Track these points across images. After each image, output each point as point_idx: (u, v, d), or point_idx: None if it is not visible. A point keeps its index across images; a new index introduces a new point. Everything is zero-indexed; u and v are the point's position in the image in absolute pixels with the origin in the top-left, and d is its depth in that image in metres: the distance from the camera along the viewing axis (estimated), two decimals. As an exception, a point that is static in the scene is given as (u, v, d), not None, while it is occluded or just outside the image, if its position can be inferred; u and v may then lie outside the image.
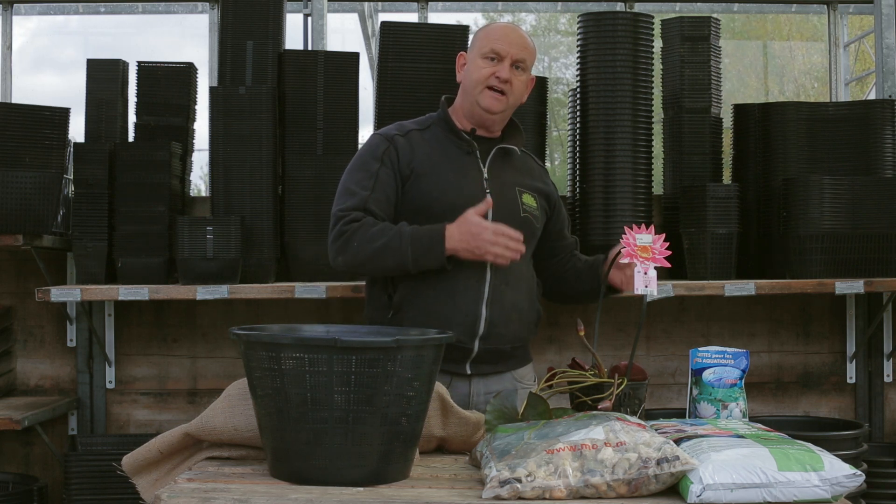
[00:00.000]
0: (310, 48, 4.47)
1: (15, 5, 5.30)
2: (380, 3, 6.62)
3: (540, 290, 2.93)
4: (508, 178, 2.80)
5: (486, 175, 2.76)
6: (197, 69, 4.21)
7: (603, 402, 2.26)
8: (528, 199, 2.80)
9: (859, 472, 1.85)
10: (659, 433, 1.96)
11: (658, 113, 4.08)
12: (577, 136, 3.99)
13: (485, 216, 2.63)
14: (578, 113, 3.97)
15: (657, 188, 4.12)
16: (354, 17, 7.98)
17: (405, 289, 2.71)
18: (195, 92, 4.19)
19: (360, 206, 2.67)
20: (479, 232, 2.56)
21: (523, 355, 2.88)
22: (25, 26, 12.89)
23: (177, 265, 3.74)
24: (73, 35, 12.12)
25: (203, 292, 3.63)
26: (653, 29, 3.92)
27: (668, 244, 2.39)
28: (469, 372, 2.74)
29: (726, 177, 4.28)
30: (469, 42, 2.88)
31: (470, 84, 2.78)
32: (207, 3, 5.16)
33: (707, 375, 2.36)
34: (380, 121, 3.91)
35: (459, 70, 2.86)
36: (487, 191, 2.74)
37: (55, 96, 12.05)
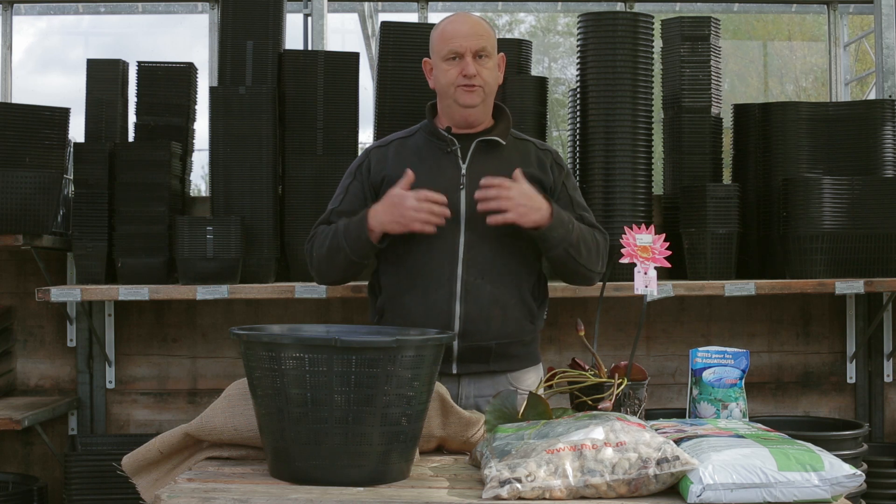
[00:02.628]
0: (310, 48, 4.47)
1: (15, 5, 5.30)
2: (380, 3, 6.62)
3: (542, 283, 2.85)
4: (491, 169, 2.73)
5: (464, 171, 2.74)
6: (197, 69, 4.21)
7: (603, 402, 2.26)
8: None
9: (859, 472, 1.85)
10: (659, 433, 1.96)
11: (658, 113, 4.08)
12: (577, 136, 3.99)
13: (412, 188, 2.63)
14: (578, 113, 3.97)
15: (657, 188, 4.12)
16: (354, 17, 7.97)
17: (386, 293, 2.75)
18: (195, 92, 4.19)
19: (324, 220, 2.83)
20: (399, 201, 2.59)
21: (522, 355, 2.80)
22: (37, 25, 12.90)
23: (177, 265, 3.74)
24: (83, 36, 12.13)
25: (203, 292, 3.63)
26: (653, 29, 3.92)
27: (668, 244, 2.39)
28: (455, 371, 2.71)
29: (726, 177, 4.28)
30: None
31: (442, 89, 2.77)
32: (207, 3, 5.15)
33: (707, 375, 2.36)
34: (380, 121, 3.91)
35: (429, 76, 2.84)
36: (461, 187, 2.71)
37: (63, 97, 12.06)
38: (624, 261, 2.37)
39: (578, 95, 3.97)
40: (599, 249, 2.79)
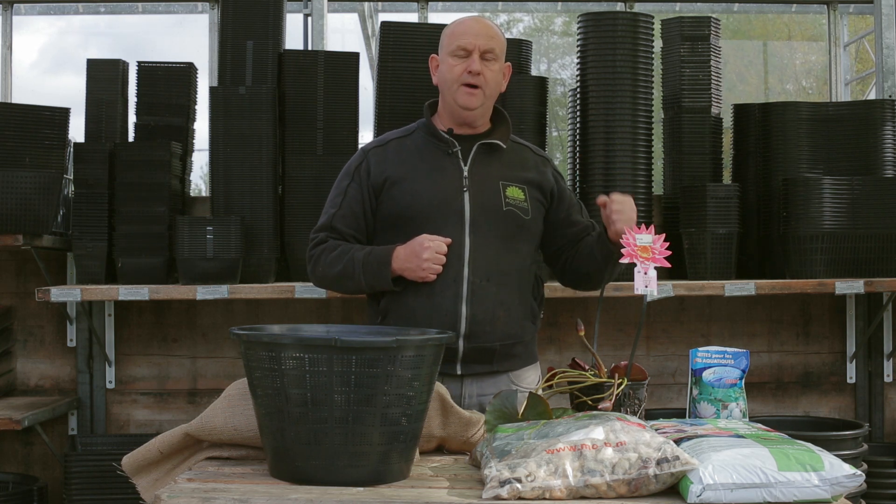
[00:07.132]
0: (310, 48, 4.47)
1: (15, 5, 5.30)
2: (380, 3, 6.62)
3: (539, 284, 2.87)
4: (492, 172, 2.76)
5: (465, 173, 2.75)
6: (197, 69, 4.21)
7: (603, 402, 2.26)
8: (514, 192, 2.76)
9: (859, 472, 1.85)
10: (659, 433, 1.96)
11: (658, 113, 4.08)
12: (577, 136, 3.99)
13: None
14: (578, 113, 3.97)
15: (657, 188, 4.12)
16: (354, 17, 7.97)
17: (390, 294, 2.73)
18: (195, 92, 4.19)
19: (326, 225, 2.79)
20: (420, 251, 2.62)
21: (523, 354, 2.81)
22: (57, 25, 12.86)
23: (177, 265, 3.74)
24: (98, 36, 12.10)
25: (203, 292, 3.63)
26: (653, 29, 3.92)
27: (668, 244, 2.39)
28: (460, 372, 2.72)
29: (726, 177, 4.28)
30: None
31: (445, 84, 2.77)
32: (207, 3, 5.15)
33: (707, 375, 2.36)
34: (380, 121, 3.91)
35: (434, 73, 2.84)
36: (465, 189, 2.72)
37: (73, 97, 12.05)
38: (624, 261, 2.37)
39: (578, 95, 3.97)
40: None
